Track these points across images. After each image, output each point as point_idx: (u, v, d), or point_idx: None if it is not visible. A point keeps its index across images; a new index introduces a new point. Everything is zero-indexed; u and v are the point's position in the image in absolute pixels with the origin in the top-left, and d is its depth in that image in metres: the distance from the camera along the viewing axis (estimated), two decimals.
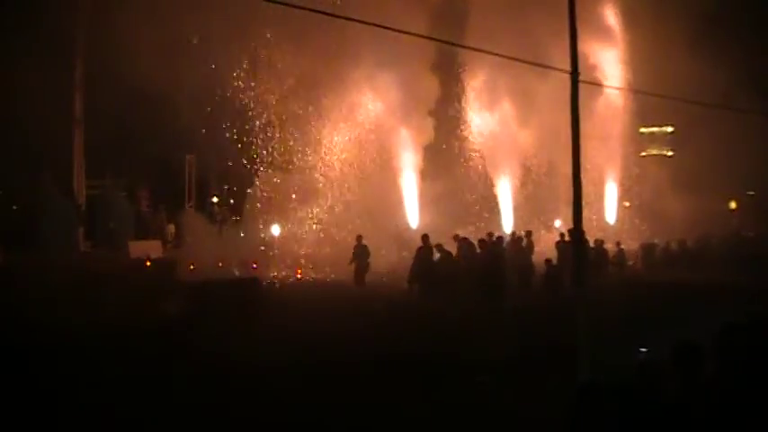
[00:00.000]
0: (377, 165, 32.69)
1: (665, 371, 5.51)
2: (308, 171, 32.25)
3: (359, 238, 25.00)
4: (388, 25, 11.38)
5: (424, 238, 22.53)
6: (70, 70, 33.35)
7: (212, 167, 37.97)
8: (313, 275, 26.87)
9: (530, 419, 8.63)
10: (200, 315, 16.70)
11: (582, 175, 8.97)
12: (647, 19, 32.65)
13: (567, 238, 22.64)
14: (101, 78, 30.78)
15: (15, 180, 34.17)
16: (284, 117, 32.37)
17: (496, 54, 15.08)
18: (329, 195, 31.91)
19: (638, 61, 33.79)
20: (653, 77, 29.67)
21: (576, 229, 8.64)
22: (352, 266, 24.49)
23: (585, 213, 9.14)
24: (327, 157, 32.49)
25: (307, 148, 32.24)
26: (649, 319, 14.43)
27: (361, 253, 24.39)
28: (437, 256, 22.14)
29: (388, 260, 26.50)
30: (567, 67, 9.27)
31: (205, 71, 30.42)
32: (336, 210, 31.83)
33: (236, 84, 31.03)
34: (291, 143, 32.31)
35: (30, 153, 30.72)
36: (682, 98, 21.57)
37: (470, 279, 20.84)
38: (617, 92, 33.89)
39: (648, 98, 30.89)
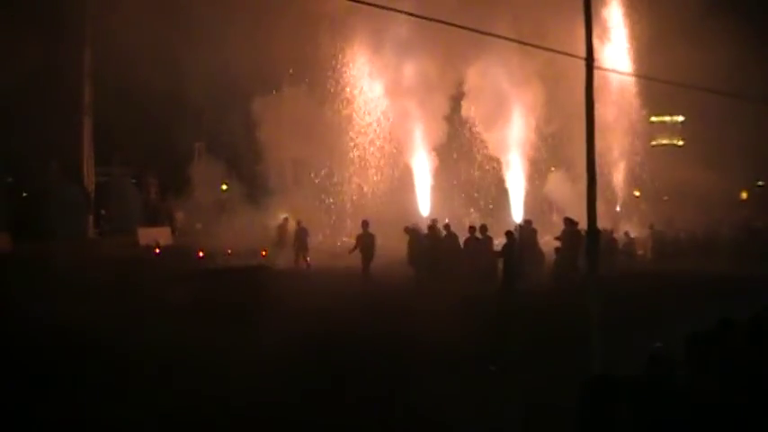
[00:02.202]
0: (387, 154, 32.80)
1: (676, 363, 5.48)
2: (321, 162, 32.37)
3: (299, 222, 27.18)
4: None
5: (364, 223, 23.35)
6: (79, 59, 33.40)
7: (222, 154, 37.92)
8: (324, 263, 26.80)
9: (540, 409, 8.59)
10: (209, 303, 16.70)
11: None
12: (658, 5, 32.35)
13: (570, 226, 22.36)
14: (110, 66, 30.77)
15: (25, 168, 34.29)
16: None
17: (510, 39, 14.89)
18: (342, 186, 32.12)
19: (648, 49, 33.48)
20: (663, 66, 29.40)
21: (591, 219, 8.50)
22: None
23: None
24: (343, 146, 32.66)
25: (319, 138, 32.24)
26: (660, 311, 14.37)
27: (300, 236, 26.68)
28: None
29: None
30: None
31: (215, 57, 30.37)
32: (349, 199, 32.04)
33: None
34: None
35: (39, 141, 30.77)
36: (693, 85, 21.35)
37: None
38: (628, 80, 33.55)
39: (660, 87, 30.60)
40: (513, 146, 32.40)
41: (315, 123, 31.60)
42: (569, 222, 21.85)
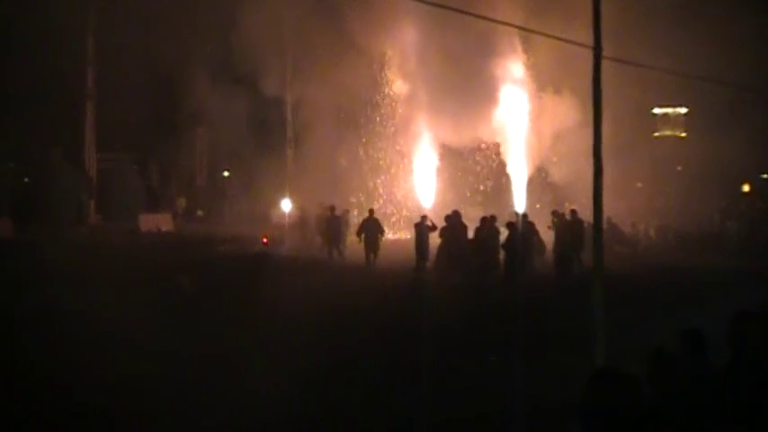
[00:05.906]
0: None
1: (676, 358, 5.43)
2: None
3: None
4: None
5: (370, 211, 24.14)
6: (82, 44, 33.32)
7: (224, 141, 37.92)
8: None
9: (541, 401, 8.55)
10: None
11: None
12: None
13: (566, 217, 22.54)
14: (112, 53, 30.69)
15: (27, 153, 34.29)
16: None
17: (518, 27, 14.74)
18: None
19: (653, 39, 33.14)
20: (668, 56, 29.16)
21: (597, 211, 8.42)
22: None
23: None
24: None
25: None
26: (664, 305, 14.31)
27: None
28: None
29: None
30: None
31: (217, 44, 30.27)
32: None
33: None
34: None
35: (41, 126, 30.72)
36: (698, 76, 21.21)
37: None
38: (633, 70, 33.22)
39: (663, 78, 30.37)
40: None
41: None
42: (557, 214, 22.81)
